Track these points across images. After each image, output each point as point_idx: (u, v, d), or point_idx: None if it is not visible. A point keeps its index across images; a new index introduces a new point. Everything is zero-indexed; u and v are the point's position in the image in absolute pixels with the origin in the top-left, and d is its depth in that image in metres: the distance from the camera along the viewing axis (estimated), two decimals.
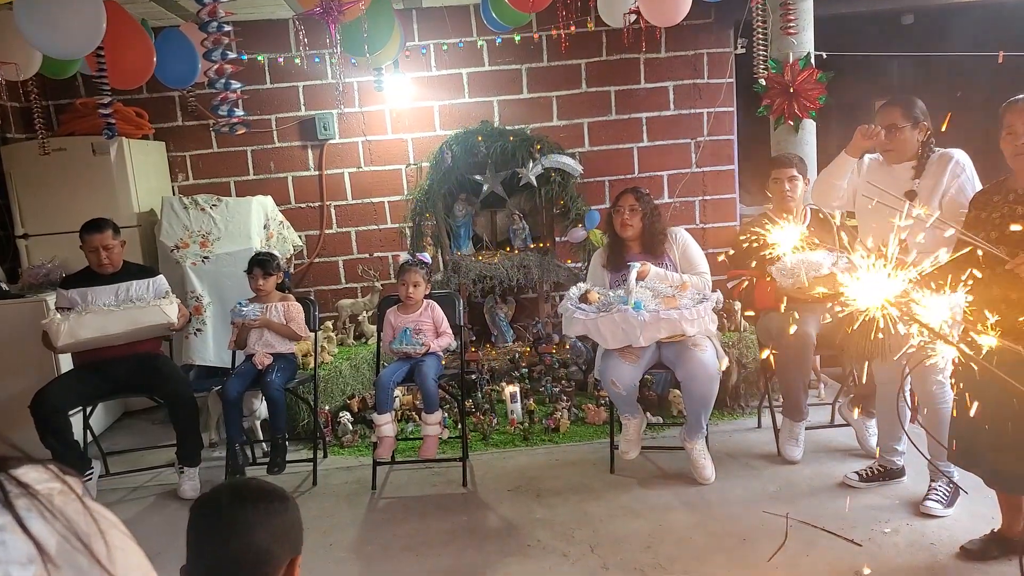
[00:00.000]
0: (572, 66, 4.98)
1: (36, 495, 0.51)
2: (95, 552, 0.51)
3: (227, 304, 4.17)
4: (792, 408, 3.42)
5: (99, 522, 0.54)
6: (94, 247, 3.47)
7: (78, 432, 3.55)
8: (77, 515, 0.52)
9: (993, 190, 2.48)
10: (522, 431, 3.93)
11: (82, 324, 3.34)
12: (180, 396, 3.51)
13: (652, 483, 3.32)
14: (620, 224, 3.44)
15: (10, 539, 0.48)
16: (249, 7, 4.48)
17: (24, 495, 0.50)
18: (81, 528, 0.52)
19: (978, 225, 2.41)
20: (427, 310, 3.61)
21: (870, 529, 2.77)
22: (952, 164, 2.77)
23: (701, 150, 5.10)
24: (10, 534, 0.48)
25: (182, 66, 3.50)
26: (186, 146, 4.99)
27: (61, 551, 0.50)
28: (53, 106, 4.83)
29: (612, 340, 3.12)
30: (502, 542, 2.90)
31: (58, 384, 3.43)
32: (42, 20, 2.62)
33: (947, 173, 2.77)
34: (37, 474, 0.53)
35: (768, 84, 4.26)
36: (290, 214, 4.97)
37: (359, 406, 4.19)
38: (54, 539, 0.50)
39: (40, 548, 0.48)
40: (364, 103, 4.93)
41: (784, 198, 3.53)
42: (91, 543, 0.52)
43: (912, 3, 5.15)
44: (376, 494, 3.43)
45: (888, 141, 2.88)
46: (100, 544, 0.52)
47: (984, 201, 2.47)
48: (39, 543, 0.48)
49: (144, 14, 4.00)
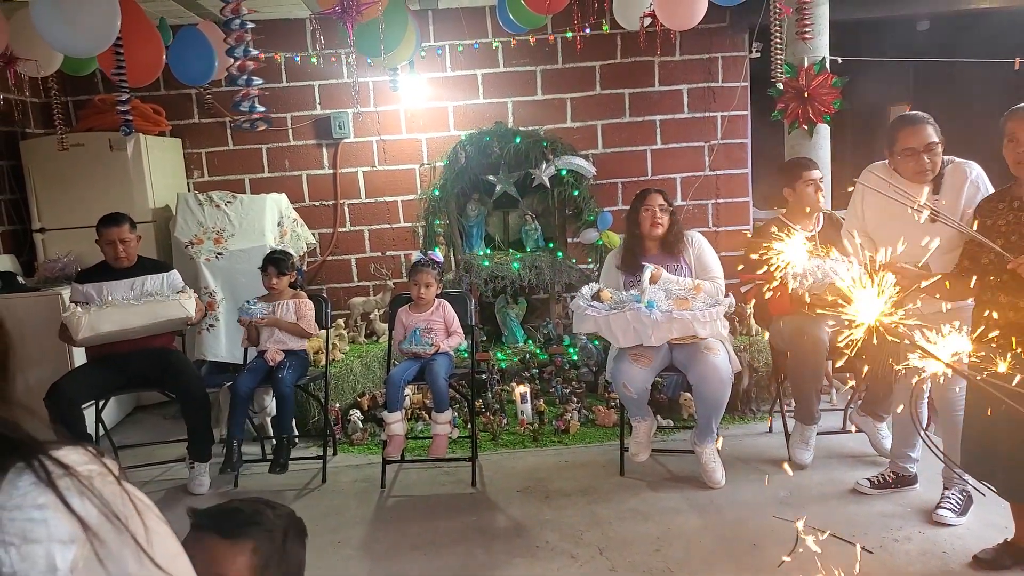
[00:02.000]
0: (587, 68, 4.98)
1: (77, 476, 0.52)
2: (134, 532, 0.52)
3: (240, 300, 4.18)
4: (804, 412, 3.41)
5: (136, 504, 0.55)
6: (111, 240, 3.51)
7: (90, 425, 3.58)
8: (115, 497, 0.53)
9: (998, 197, 2.46)
10: (532, 432, 3.93)
11: (103, 317, 3.37)
12: (192, 391, 3.53)
13: (662, 486, 3.31)
14: (651, 222, 3.42)
15: (52, 517, 0.49)
16: (267, 6, 4.51)
17: (66, 475, 0.51)
18: (120, 509, 0.52)
19: (984, 234, 2.39)
20: (438, 309, 3.62)
21: (881, 536, 2.75)
22: (968, 185, 2.72)
23: (714, 153, 5.09)
24: (52, 512, 0.49)
25: (199, 64, 3.51)
26: (202, 143, 5.03)
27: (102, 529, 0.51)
28: (72, 102, 4.88)
29: (623, 338, 3.11)
30: (510, 543, 2.90)
31: (73, 377, 3.46)
32: (58, 18, 2.65)
33: (965, 192, 2.71)
34: (78, 456, 0.54)
35: (783, 88, 4.24)
36: (304, 212, 4.99)
37: (369, 404, 4.20)
38: (95, 518, 0.51)
39: (84, 524, 0.49)
40: (379, 103, 4.95)
41: (816, 200, 3.52)
42: (129, 524, 0.52)
43: (928, 9, 5.12)
44: (385, 492, 3.44)
45: (930, 162, 2.74)
46: (138, 525, 0.53)
47: (990, 209, 2.45)
48: (83, 519, 0.49)
49: (163, 12, 4.03)
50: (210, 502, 3.37)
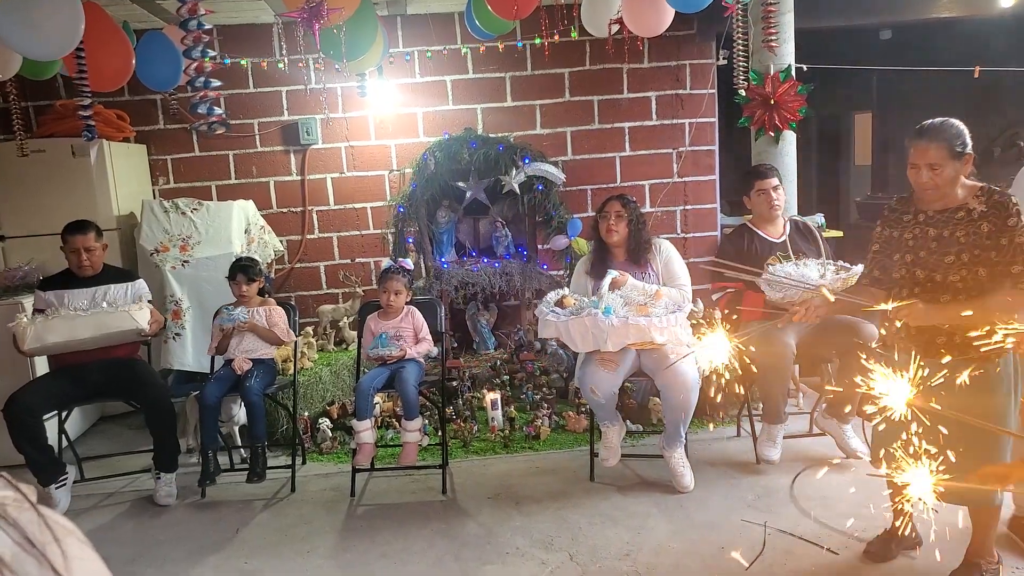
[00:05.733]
0: (556, 75, 5.01)
1: None
2: (51, 560, 0.51)
3: (206, 308, 4.14)
4: (771, 413, 3.45)
5: (55, 530, 0.53)
6: (75, 248, 3.44)
7: (53, 437, 3.50)
8: (31, 524, 0.51)
9: (902, 208, 2.45)
10: (502, 438, 3.92)
11: (49, 328, 3.30)
12: (157, 401, 3.48)
13: (631, 491, 3.33)
14: (606, 230, 3.44)
15: None
16: (232, 11, 4.47)
17: None
18: (36, 536, 0.51)
19: (892, 245, 2.42)
20: (408, 316, 3.61)
21: (846, 538, 2.79)
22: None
23: (683, 160, 5.14)
24: None
25: (164, 69, 3.48)
26: (168, 149, 4.96)
27: (16, 559, 0.49)
28: (32, 107, 4.78)
29: (582, 343, 3.14)
30: (481, 549, 2.90)
31: (32, 387, 3.38)
32: (18, 21, 2.59)
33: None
34: None
35: (749, 95, 4.31)
36: (272, 219, 4.95)
37: (339, 412, 4.17)
38: (8, 549, 0.49)
39: None
40: (348, 109, 4.93)
41: (772, 208, 3.55)
42: (46, 551, 0.51)
43: (891, 19, 5.24)
44: (355, 501, 3.41)
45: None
46: (56, 552, 0.52)
47: (895, 220, 2.45)
48: None
49: (126, 16, 3.97)
50: (177, 513, 3.34)
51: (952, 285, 2.25)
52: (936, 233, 2.30)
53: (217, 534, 3.16)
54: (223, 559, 2.96)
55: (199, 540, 3.12)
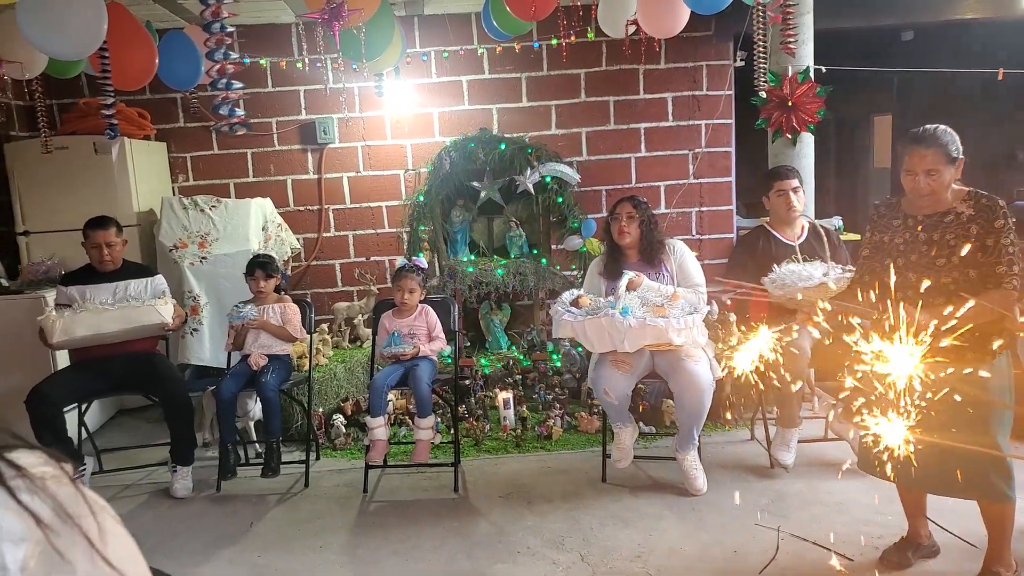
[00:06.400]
0: (572, 75, 5.01)
1: (29, 476, 0.53)
2: (86, 531, 0.53)
3: (224, 305, 4.19)
4: (786, 418, 3.43)
5: (91, 505, 0.56)
6: (96, 243, 3.50)
7: (72, 428, 3.56)
8: (69, 497, 0.54)
9: (889, 213, 2.47)
10: (514, 438, 3.94)
11: (77, 322, 3.36)
12: (175, 395, 3.52)
13: (644, 493, 3.32)
14: (617, 231, 3.44)
15: (3, 517, 0.49)
16: (253, 11, 4.51)
17: (17, 476, 0.52)
18: (72, 509, 0.53)
19: (882, 250, 2.43)
20: (421, 315, 3.63)
21: (861, 545, 2.77)
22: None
23: (698, 161, 5.12)
24: (3, 511, 0.50)
25: (185, 68, 3.51)
26: (187, 147, 5.02)
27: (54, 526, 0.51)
28: (57, 105, 4.86)
29: (598, 343, 3.14)
30: (492, 548, 2.91)
31: (54, 380, 3.44)
32: (44, 21, 2.64)
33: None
34: (32, 458, 0.55)
35: (767, 97, 4.28)
36: (289, 217, 4.99)
37: (352, 409, 4.20)
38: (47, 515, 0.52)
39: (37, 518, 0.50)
40: (364, 108, 4.96)
41: (790, 210, 3.54)
42: (82, 523, 0.53)
43: (913, 20, 5.19)
44: (368, 497, 3.44)
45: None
46: (92, 525, 0.54)
47: (884, 225, 2.47)
48: (35, 513, 0.50)
49: (149, 16, 4.02)
50: (193, 506, 3.38)
51: (944, 287, 2.28)
52: (926, 236, 2.35)
53: (232, 527, 3.20)
54: (237, 552, 3.00)
55: (214, 533, 3.16)
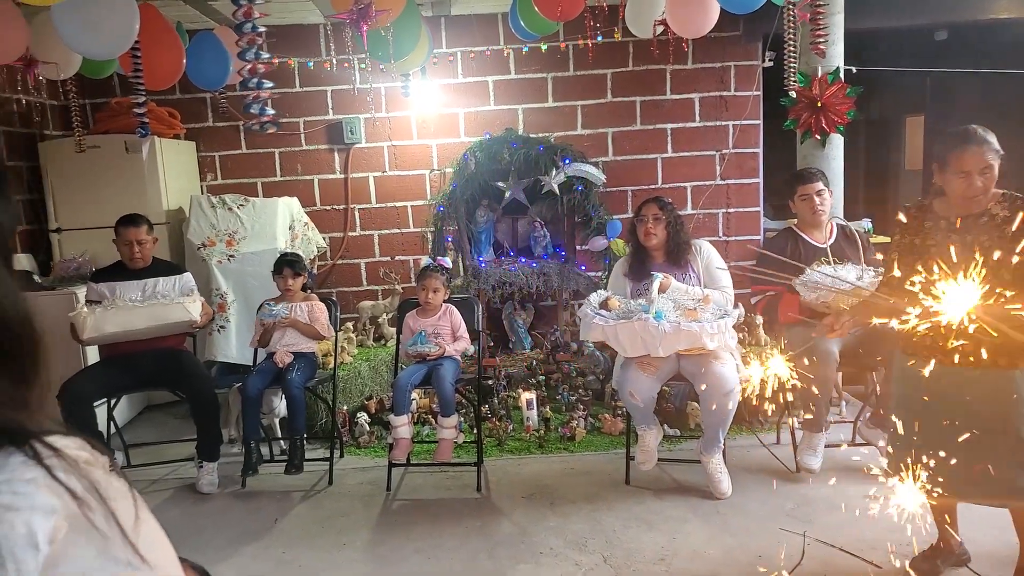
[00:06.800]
0: (598, 76, 4.99)
1: (65, 458, 0.55)
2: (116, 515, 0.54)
3: (251, 302, 4.23)
4: (813, 422, 3.38)
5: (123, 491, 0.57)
6: (128, 241, 3.56)
7: (102, 423, 3.62)
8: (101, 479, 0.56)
9: (920, 215, 2.41)
10: (537, 438, 3.92)
11: (107, 318, 3.42)
12: (202, 392, 3.57)
13: (667, 495, 3.30)
14: (644, 233, 3.42)
15: (37, 491, 0.52)
16: (281, 11, 4.56)
17: (54, 456, 0.54)
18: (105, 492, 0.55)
19: (912, 252, 2.38)
20: (445, 314, 3.63)
21: (890, 552, 2.72)
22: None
23: (726, 162, 5.08)
24: (38, 486, 0.52)
25: (215, 68, 3.56)
26: (216, 146, 5.08)
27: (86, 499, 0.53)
28: (89, 105, 4.94)
29: (631, 348, 3.10)
30: (514, 548, 2.90)
31: (85, 375, 3.50)
32: (79, 20, 2.69)
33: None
34: (69, 442, 0.57)
35: (796, 98, 4.23)
36: (315, 216, 5.03)
37: (376, 407, 4.22)
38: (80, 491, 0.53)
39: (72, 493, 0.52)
40: (391, 108, 4.99)
41: (815, 213, 3.49)
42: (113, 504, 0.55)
43: (946, 19, 5.10)
44: (391, 495, 3.45)
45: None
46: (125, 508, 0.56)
47: (916, 227, 2.41)
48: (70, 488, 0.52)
49: (179, 17, 4.08)
50: (218, 502, 3.42)
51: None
52: (959, 238, 2.29)
53: (256, 523, 3.23)
54: (261, 548, 3.02)
55: (239, 528, 3.19)
